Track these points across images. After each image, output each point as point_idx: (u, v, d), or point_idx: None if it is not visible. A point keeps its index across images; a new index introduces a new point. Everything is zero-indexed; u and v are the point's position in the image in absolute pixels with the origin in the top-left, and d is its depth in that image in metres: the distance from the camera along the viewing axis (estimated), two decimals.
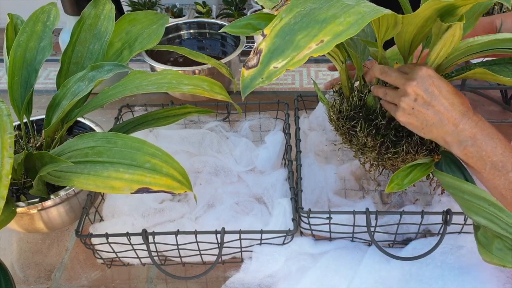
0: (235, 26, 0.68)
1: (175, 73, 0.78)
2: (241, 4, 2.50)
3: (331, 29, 0.49)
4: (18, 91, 0.81)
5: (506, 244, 0.58)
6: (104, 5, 0.87)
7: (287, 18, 0.52)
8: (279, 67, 0.50)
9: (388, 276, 0.74)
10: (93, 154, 0.68)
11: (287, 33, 0.51)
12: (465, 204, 0.62)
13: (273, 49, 0.51)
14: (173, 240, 0.73)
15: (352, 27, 0.49)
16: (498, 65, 0.66)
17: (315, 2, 0.53)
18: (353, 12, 0.50)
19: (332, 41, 0.49)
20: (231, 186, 0.90)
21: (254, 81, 0.50)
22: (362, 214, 0.72)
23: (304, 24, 0.51)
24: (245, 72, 0.51)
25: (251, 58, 0.51)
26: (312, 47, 0.49)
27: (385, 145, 0.72)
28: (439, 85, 0.62)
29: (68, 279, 0.81)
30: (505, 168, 0.60)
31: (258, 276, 0.75)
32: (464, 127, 0.61)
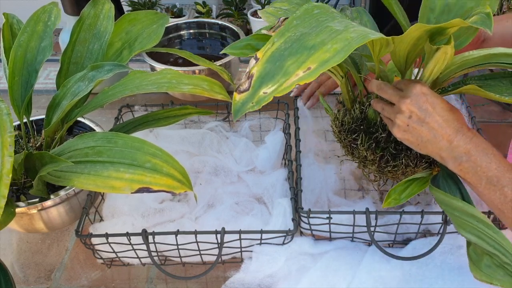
0: (235, 47, 0.70)
1: (175, 73, 0.78)
2: (241, 4, 2.50)
3: (318, 57, 0.51)
4: (18, 91, 0.81)
5: (494, 261, 0.59)
6: (103, 4, 0.87)
7: (278, 42, 0.54)
8: (268, 92, 0.51)
9: (388, 276, 0.74)
10: (93, 154, 0.68)
11: (277, 59, 0.53)
12: (456, 221, 0.63)
13: (264, 74, 0.52)
14: (173, 240, 0.73)
15: (338, 54, 0.51)
16: (493, 80, 0.67)
17: (306, 26, 0.55)
18: (340, 38, 0.52)
19: (318, 69, 0.50)
20: (231, 186, 0.90)
21: (245, 106, 0.52)
22: (362, 214, 0.72)
23: (293, 50, 0.53)
24: (237, 96, 0.53)
25: (243, 82, 0.53)
26: (299, 74, 0.51)
27: (384, 158, 0.74)
28: (433, 102, 0.63)
29: (68, 279, 0.81)
30: (500, 183, 0.60)
31: (258, 276, 0.75)
32: (459, 143, 0.62)
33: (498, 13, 1.52)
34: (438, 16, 0.71)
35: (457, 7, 0.70)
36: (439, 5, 0.71)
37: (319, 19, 0.56)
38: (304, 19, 0.56)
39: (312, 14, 0.56)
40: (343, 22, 0.56)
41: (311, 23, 0.55)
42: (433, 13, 0.71)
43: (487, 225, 0.59)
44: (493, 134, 0.68)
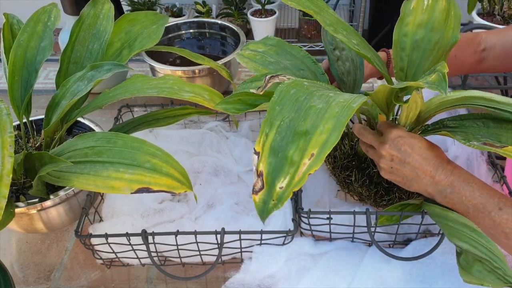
0: (227, 102, 0.71)
1: (177, 79, 0.78)
2: (241, 4, 2.50)
3: (316, 141, 0.53)
4: (18, 91, 0.81)
5: (485, 267, 0.60)
6: (103, 4, 0.87)
7: (272, 134, 0.55)
8: (284, 187, 0.53)
9: (389, 276, 0.74)
10: (93, 154, 0.68)
11: (278, 150, 0.54)
12: (449, 231, 0.65)
13: (272, 169, 0.54)
14: (172, 240, 0.73)
15: (333, 133, 0.53)
16: (468, 120, 0.71)
17: (290, 110, 0.57)
18: (328, 117, 0.54)
19: (321, 153, 0.52)
20: (231, 186, 0.90)
21: (267, 205, 0.53)
22: (362, 214, 0.72)
23: (290, 139, 0.54)
24: (255, 198, 0.54)
25: (256, 182, 0.54)
26: (306, 163, 0.52)
27: (379, 193, 0.77)
28: (411, 143, 0.67)
29: (67, 279, 0.81)
30: (486, 209, 0.62)
31: (258, 276, 0.75)
32: (440, 177, 0.65)
33: (498, 13, 1.52)
34: (409, 54, 0.76)
35: (424, 43, 0.75)
36: (408, 43, 0.76)
37: (299, 99, 0.58)
38: (284, 103, 0.58)
39: (290, 95, 0.58)
40: (321, 96, 0.58)
41: (293, 106, 0.57)
42: (405, 52, 0.76)
43: (479, 234, 0.61)
44: None
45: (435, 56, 0.75)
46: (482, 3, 1.55)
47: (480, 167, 0.84)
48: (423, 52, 0.75)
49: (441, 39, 0.74)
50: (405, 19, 0.76)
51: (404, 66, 0.76)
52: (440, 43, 0.74)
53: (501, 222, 0.61)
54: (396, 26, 0.76)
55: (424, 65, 0.75)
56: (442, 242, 0.72)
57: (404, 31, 0.76)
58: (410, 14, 0.76)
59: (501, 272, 0.58)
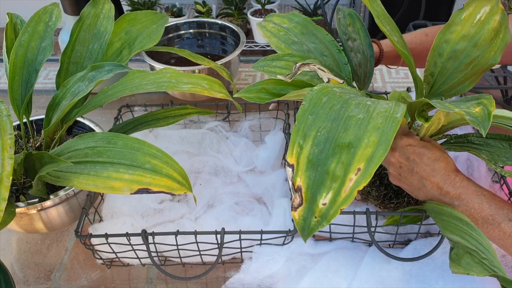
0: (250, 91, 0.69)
1: (174, 72, 0.78)
2: (241, 3, 2.50)
3: (362, 154, 0.50)
4: (18, 91, 0.81)
5: (474, 258, 0.60)
6: (103, 4, 0.87)
7: (307, 145, 0.52)
8: (327, 203, 0.50)
9: (389, 276, 0.74)
10: (93, 154, 0.68)
11: (317, 164, 0.51)
12: (443, 224, 0.65)
13: (311, 183, 0.51)
14: (173, 240, 0.73)
15: (380, 147, 0.50)
16: (495, 140, 0.70)
17: (324, 120, 0.53)
18: (372, 129, 0.51)
19: (369, 168, 0.49)
20: (231, 186, 0.90)
21: (307, 221, 0.50)
22: (362, 214, 0.72)
23: (330, 151, 0.51)
24: (295, 214, 0.51)
25: (294, 198, 0.51)
26: (353, 178, 0.49)
27: (388, 196, 0.77)
28: (420, 152, 0.66)
29: (67, 279, 0.81)
30: (496, 220, 0.62)
31: (258, 276, 0.75)
32: (448, 189, 0.65)
33: None
34: (445, 62, 0.74)
35: (463, 55, 0.73)
36: (447, 51, 0.74)
37: (334, 108, 0.54)
38: (318, 112, 0.54)
39: (322, 103, 0.55)
40: (359, 105, 0.55)
41: (328, 115, 0.54)
42: (441, 58, 0.74)
43: (471, 227, 0.62)
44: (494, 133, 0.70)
45: (469, 72, 0.73)
46: None
47: (480, 167, 0.84)
48: (459, 63, 0.74)
49: (481, 58, 0.72)
50: (452, 27, 0.74)
51: (435, 72, 0.74)
52: (478, 61, 0.72)
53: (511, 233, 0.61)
54: (440, 31, 0.74)
55: (455, 77, 0.74)
56: (442, 243, 0.72)
57: (446, 37, 0.74)
58: (458, 23, 0.74)
59: (488, 262, 0.59)
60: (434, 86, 0.74)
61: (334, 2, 2.46)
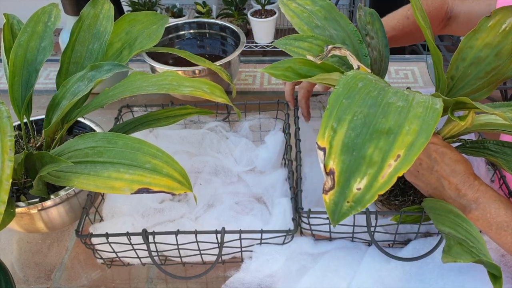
0: (277, 68, 0.67)
1: (176, 75, 0.78)
2: (241, 4, 2.50)
3: (402, 141, 0.49)
4: (19, 91, 0.81)
5: (464, 248, 0.61)
6: (103, 4, 0.87)
7: (342, 129, 0.51)
8: (362, 188, 0.48)
9: (388, 276, 0.74)
10: (93, 154, 0.68)
11: (353, 148, 0.50)
12: (435, 218, 0.65)
13: (345, 167, 0.49)
14: (173, 240, 0.73)
15: (421, 135, 0.49)
16: (510, 149, 0.70)
17: (361, 106, 0.52)
18: (413, 117, 0.51)
19: (410, 155, 0.48)
20: (231, 186, 0.90)
21: (340, 206, 0.49)
22: (362, 214, 0.72)
23: (367, 136, 0.50)
24: (326, 198, 0.50)
25: (326, 181, 0.50)
26: (392, 164, 0.48)
27: (394, 193, 0.76)
28: (442, 152, 0.66)
29: (68, 279, 0.81)
30: (510, 227, 0.63)
31: (258, 275, 0.75)
32: (466, 192, 0.65)
33: None
34: (466, 67, 0.74)
35: (485, 63, 0.73)
36: (470, 56, 0.74)
37: (371, 95, 0.54)
38: (353, 96, 0.53)
39: (358, 89, 0.54)
40: (397, 93, 0.54)
41: (365, 100, 0.53)
42: (463, 63, 0.74)
43: (463, 219, 0.62)
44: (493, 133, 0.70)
45: (487, 80, 0.73)
46: None
47: (479, 167, 0.84)
48: (479, 70, 0.74)
49: (501, 67, 0.73)
50: (478, 34, 0.74)
51: (456, 76, 0.74)
52: (498, 70, 0.73)
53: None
54: (466, 36, 0.74)
55: (474, 83, 0.74)
56: (442, 242, 0.72)
57: (471, 43, 0.74)
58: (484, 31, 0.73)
59: (475, 250, 0.59)
60: (452, 90, 0.74)
61: (334, 2, 2.47)
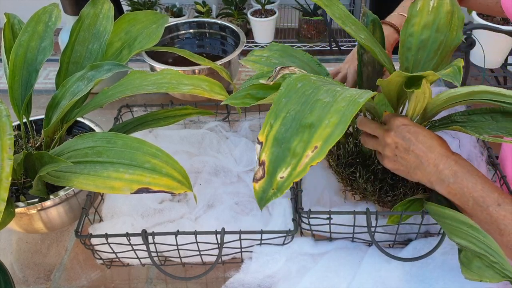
0: (236, 98, 0.72)
1: (175, 73, 0.78)
2: (241, 4, 2.50)
3: (320, 134, 0.54)
4: (18, 91, 0.81)
5: (484, 262, 0.61)
6: (103, 4, 0.87)
7: (276, 125, 0.56)
8: (285, 176, 0.53)
9: (389, 276, 0.74)
10: (92, 154, 0.68)
11: (282, 141, 0.55)
12: (448, 228, 0.65)
13: (274, 158, 0.55)
14: (173, 240, 0.73)
15: (338, 127, 0.53)
16: (477, 115, 0.72)
17: (295, 103, 0.57)
18: (334, 111, 0.55)
19: (325, 146, 0.53)
20: (231, 186, 0.90)
21: (266, 193, 0.54)
22: (362, 214, 0.72)
23: (294, 131, 0.55)
24: (256, 186, 0.55)
25: (257, 171, 0.55)
26: (309, 155, 0.53)
27: (384, 189, 0.77)
28: (415, 131, 0.67)
29: (67, 279, 0.81)
30: (486, 203, 0.63)
31: (258, 276, 0.75)
32: (444, 166, 0.66)
33: None
34: (415, 54, 0.78)
35: (430, 43, 0.77)
36: (414, 43, 0.78)
37: (306, 93, 0.58)
38: (291, 96, 0.58)
39: (297, 88, 0.59)
40: (328, 90, 0.58)
41: (300, 99, 0.58)
42: (410, 52, 0.78)
43: (476, 230, 0.62)
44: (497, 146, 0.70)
45: (439, 56, 0.76)
46: None
47: (480, 167, 0.84)
48: (428, 52, 0.77)
49: (446, 40, 0.76)
50: (412, 20, 0.78)
51: (409, 66, 0.77)
52: (444, 44, 0.76)
53: (498, 218, 0.62)
54: (403, 28, 0.78)
55: (429, 66, 0.76)
56: (442, 242, 0.72)
57: (410, 31, 0.77)
58: (416, 15, 0.78)
59: (499, 266, 0.59)
60: None
61: None
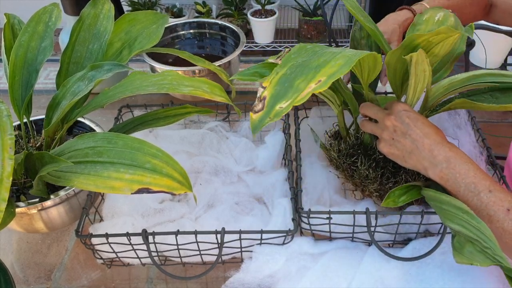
0: (244, 74, 0.74)
1: (176, 75, 0.78)
2: (241, 4, 2.50)
3: (326, 71, 0.56)
4: (19, 91, 0.81)
5: (476, 247, 0.61)
6: (103, 4, 0.87)
7: (282, 70, 0.59)
8: (284, 106, 0.55)
9: (388, 276, 0.74)
10: (93, 154, 0.68)
11: (285, 81, 0.57)
12: (443, 213, 0.66)
13: (275, 94, 0.57)
14: (173, 240, 0.73)
15: (343, 67, 0.56)
16: (476, 95, 0.74)
17: (304, 56, 0.60)
18: (340, 56, 0.58)
19: (329, 80, 0.55)
20: (231, 186, 0.90)
21: (262, 121, 0.56)
22: (362, 214, 0.72)
23: (299, 72, 0.58)
24: (253, 116, 0.57)
25: (256, 104, 0.57)
26: (312, 86, 0.55)
27: (385, 175, 0.78)
28: (414, 117, 0.71)
29: (68, 279, 0.81)
30: (477, 189, 0.65)
31: (258, 276, 0.75)
32: (439, 152, 0.68)
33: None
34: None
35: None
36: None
37: (314, 50, 0.61)
38: (301, 52, 0.61)
39: (306, 48, 0.63)
40: (336, 49, 0.61)
41: (308, 54, 0.61)
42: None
43: (471, 216, 0.62)
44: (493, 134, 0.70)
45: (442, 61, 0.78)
46: None
47: (480, 166, 0.84)
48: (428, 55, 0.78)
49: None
50: (417, 26, 0.82)
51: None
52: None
53: (488, 204, 0.63)
54: (408, 31, 0.81)
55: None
56: (442, 242, 0.72)
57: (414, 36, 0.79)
58: (422, 23, 0.82)
59: (490, 251, 0.59)
60: None
61: (334, 2, 2.47)
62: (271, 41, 2.47)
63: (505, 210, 0.62)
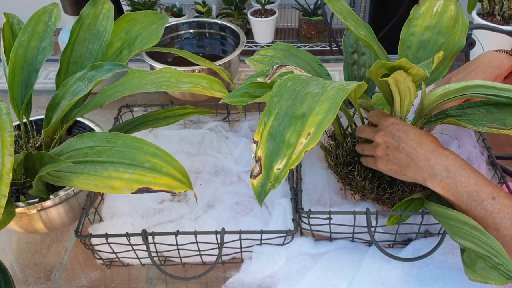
0: (234, 96, 0.73)
1: (174, 72, 0.78)
2: (241, 4, 2.50)
3: (312, 121, 0.55)
4: (18, 91, 0.81)
5: (488, 263, 0.60)
6: (103, 4, 0.87)
7: (270, 121, 0.57)
8: (281, 167, 0.55)
9: (388, 276, 0.74)
10: (92, 154, 0.68)
11: (275, 135, 0.57)
12: (451, 229, 0.65)
13: (269, 153, 0.56)
14: (173, 240, 0.73)
15: (329, 113, 0.55)
16: (471, 108, 0.72)
17: (287, 99, 0.59)
18: (323, 99, 0.57)
19: (317, 132, 0.54)
20: (231, 186, 0.90)
21: (264, 187, 0.55)
22: (362, 214, 0.72)
23: (287, 124, 0.57)
24: (253, 182, 0.56)
25: (254, 167, 0.56)
26: (303, 142, 0.54)
27: (382, 186, 0.77)
28: (405, 129, 0.68)
29: (67, 279, 0.81)
30: (480, 197, 0.63)
31: (258, 276, 0.75)
32: (436, 161, 0.65)
33: (498, 13, 1.52)
34: (415, 53, 0.79)
35: (431, 43, 0.79)
36: (414, 42, 0.79)
37: (296, 89, 0.60)
38: (282, 94, 0.60)
39: (287, 87, 0.61)
40: (317, 84, 0.60)
41: (291, 95, 0.59)
42: (410, 50, 0.80)
43: (479, 231, 0.61)
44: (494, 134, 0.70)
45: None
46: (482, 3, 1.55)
47: (480, 167, 0.84)
48: (428, 52, 0.78)
49: (447, 43, 0.78)
50: (414, 21, 0.80)
51: None
52: (446, 46, 0.77)
53: (493, 212, 0.62)
54: (404, 26, 0.79)
55: None
56: (442, 242, 0.72)
57: (411, 31, 0.79)
58: (419, 17, 0.80)
59: (503, 268, 0.58)
60: None
61: None
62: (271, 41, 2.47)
63: (511, 217, 0.61)
